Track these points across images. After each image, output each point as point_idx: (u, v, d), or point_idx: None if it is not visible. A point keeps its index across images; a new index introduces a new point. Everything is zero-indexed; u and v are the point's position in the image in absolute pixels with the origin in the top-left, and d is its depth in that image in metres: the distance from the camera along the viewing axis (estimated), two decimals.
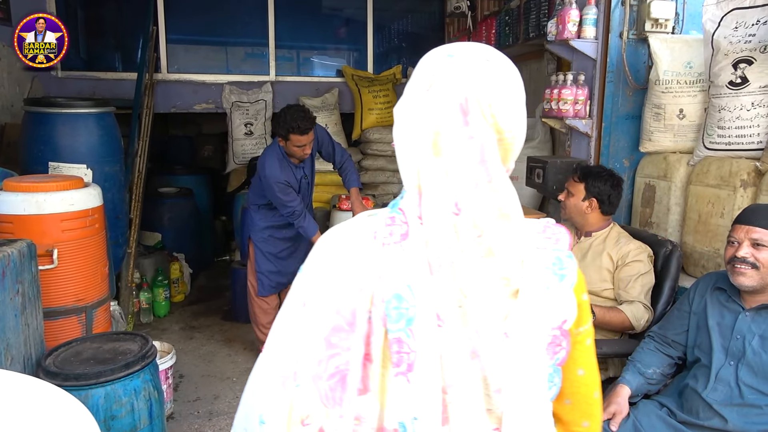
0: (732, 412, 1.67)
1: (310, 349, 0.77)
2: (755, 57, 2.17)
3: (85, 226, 2.49)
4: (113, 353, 2.09)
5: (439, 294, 0.73)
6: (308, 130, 2.93)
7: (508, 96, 0.76)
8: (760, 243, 1.65)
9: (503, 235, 0.75)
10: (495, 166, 0.74)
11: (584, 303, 0.85)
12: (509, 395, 0.76)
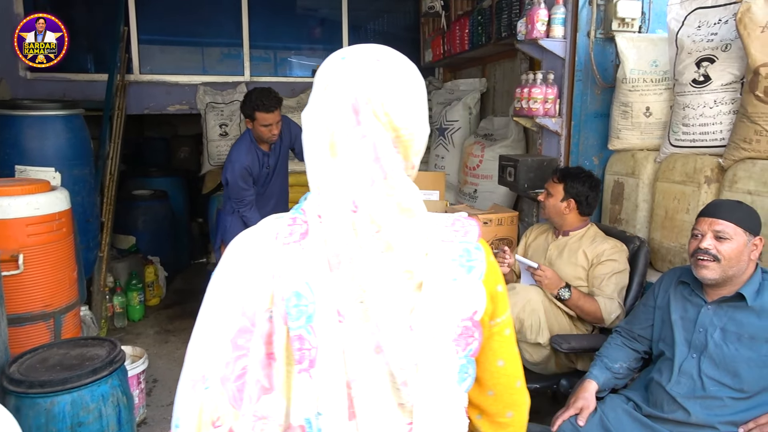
0: (695, 404, 1.70)
1: (217, 351, 0.78)
2: (717, 55, 2.21)
3: (51, 231, 2.45)
4: (80, 359, 2.06)
5: (339, 290, 0.75)
6: (273, 108, 2.94)
7: (400, 94, 0.77)
8: (722, 236, 1.67)
9: (403, 230, 0.76)
10: (390, 163, 0.76)
11: (499, 294, 0.87)
12: (417, 388, 0.76)
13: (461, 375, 0.81)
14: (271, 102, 2.93)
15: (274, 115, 2.95)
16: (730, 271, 1.68)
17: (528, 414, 0.94)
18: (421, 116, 0.81)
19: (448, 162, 4.37)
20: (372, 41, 5.39)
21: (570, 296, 2.22)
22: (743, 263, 1.69)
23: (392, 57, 0.80)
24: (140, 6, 4.65)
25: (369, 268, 0.75)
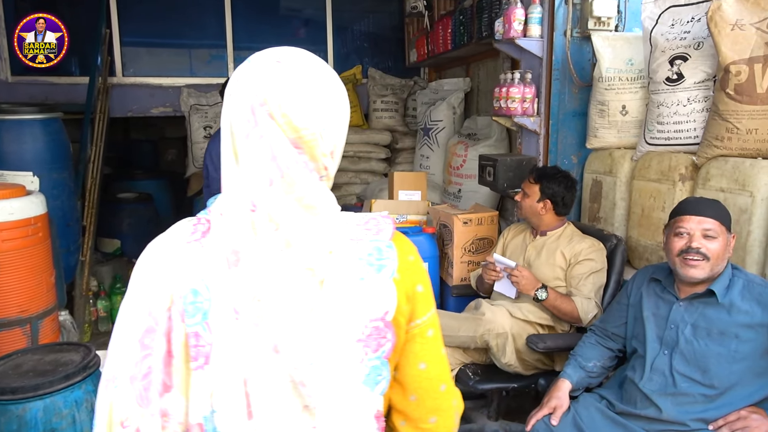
0: (666, 401, 1.70)
1: (127, 351, 0.79)
2: (690, 53, 2.22)
3: (27, 236, 2.44)
4: (54, 365, 2.04)
5: (236, 288, 0.76)
6: None
7: (299, 95, 0.77)
8: (710, 234, 1.67)
9: (303, 227, 0.76)
10: (286, 162, 0.76)
11: (419, 294, 0.85)
12: (316, 389, 0.75)
13: (374, 378, 0.79)
14: None
15: None
16: (715, 269, 1.69)
17: (456, 419, 0.91)
18: (327, 116, 0.79)
19: (433, 162, 4.38)
20: (357, 42, 5.41)
21: (547, 297, 2.23)
22: (724, 261, 1.70)
23: (296, 58, 0.80)
24: (123, 8, 4.62)
25: (267, 265, 0.75)
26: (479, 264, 2.86)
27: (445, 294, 2.97)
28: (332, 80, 0.82)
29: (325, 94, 0.80)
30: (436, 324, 0.88)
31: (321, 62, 0.83)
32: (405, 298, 0.82)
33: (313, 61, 0.82)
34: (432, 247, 2.87)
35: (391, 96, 4.97)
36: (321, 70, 0.81)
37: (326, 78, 0.81)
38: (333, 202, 0.81)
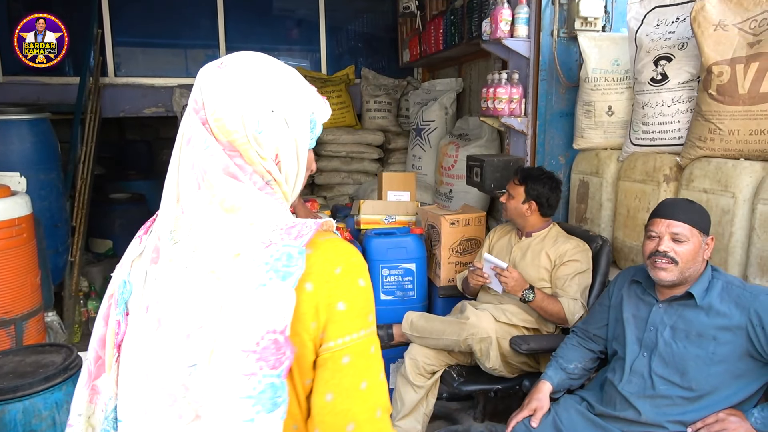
0: (645, 403, 1.69)
1: (94, 337, 0.86)
2: (674, 54, 2.21)
3: (11, 236, 2.44)
4: (35, 366, 2.04)
5: (149, 285, 0.78)
6: None
7: (231, 99, 0.77)
8: (679, 238, 1.66)
9: (212, 230, 0.75)
10: (205, 165, 0.76)
11: (338, 313, 0.75)
12: (200, 397, 0.71)
13: (271, 398, 0.70)
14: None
15: None
16: (686, 272, 1.67)
17: None
18: (264, 120, 0.78)
19: (425, 162, 4.37)
20: (350, 42, 5.41)
21: (534, 298, 2.22)
22: (699, 263, 1.69)
23: (239, 61, 0.80)
24: (115, 9, 4.62)
25: (175, 267, 0.76)
26: (467, 265, 2.85)
27: (432, 295, 2.96)
28: (277, 83, 0.80)
29: (263, 97, 0.78)
30: (360, 351, 0.77)
31: (269, 65, 0.81)
32: (313, 314, 0.74)
33: (258, 63, 0.80)
34: (420, 247, 2.87)
35: (384, 96, 4.96)
36: (264, 73, 0.80)
37: (268, 80, 0.79)
38: (266, 205, 0.77)
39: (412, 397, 2.35)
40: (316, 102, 0.85)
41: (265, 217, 0.77)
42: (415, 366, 2.36)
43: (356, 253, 0.81)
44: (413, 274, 2.86)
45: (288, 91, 0.81)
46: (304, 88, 0.84)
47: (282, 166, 0.81)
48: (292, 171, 0.83)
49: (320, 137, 4.03)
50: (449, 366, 2.38)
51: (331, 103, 4.79)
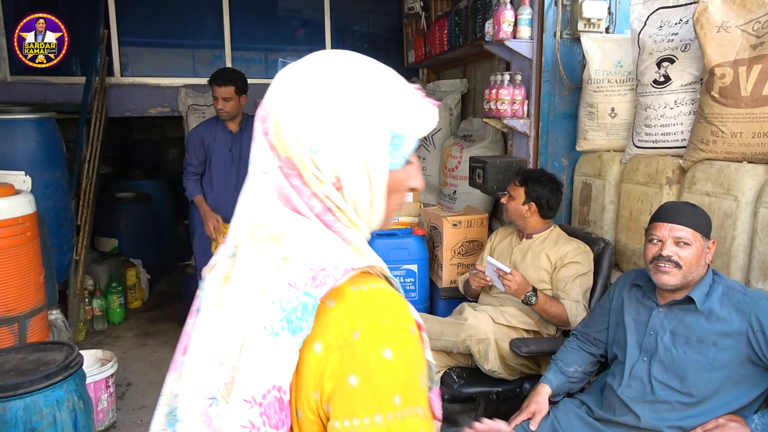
0: (644, 408, 1.68)
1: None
2: (677, 56, 2.19)
3: (14, 235, 2.45)
4: (36, 364, 2.06)
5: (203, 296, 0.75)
6: (222, 83, 3.12)
7: (289, 110, 0.67)
8: (683, 241, 1.64)
9: (251, 258, 0.68)
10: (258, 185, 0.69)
11: (348, 389, 0.61)
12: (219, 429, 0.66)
13: None
14: (221, 77, 3.14)
15: (221, 89, 3.14)
16: (689, 277, 1.66)
17: None
18: (320, 138, 0.66)
19: (430, 163, 4.36)
20: (355, 42, 5.41)
21: (537, 301, 2.20)
22: (701, 268, 1.67)
23: (309, 63, 0.69)
24: (121, 9, 4.64)
25: (211, 289, 0.72)
26: (469, 267, 2.84)
27: (434, 296, 2.96)
28: (344, 92, 0.67)
29: (323, 110, 0.66)
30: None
31: (341, 68, 0.69)
32: (317, 382, 0.62)
33: (329, 66, 0.69)
34: (422, 249, 2.86)
35: None
36: (330, 79, 0.67)
37: (333, 89, 0.67)
38: (314, 235, 0.66)
39: None
40: (403, 112, 0.69)
41: (306, 251, 0.65)
42: None
43: (392, 314, 0.64)
44: (415, 275, 2.85)
45: (357, 101, 0.67)
46: (383, 96, 0.68)
47: (346, 191, 0.68)
48: (362, 197, 0.69)
49: None
50: (449, 368, 2.38)
51: None
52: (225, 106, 3.16)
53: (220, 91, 3.14)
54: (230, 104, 3.17)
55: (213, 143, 3.26)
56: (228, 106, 3.17)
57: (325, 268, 0.63)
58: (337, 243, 0.67)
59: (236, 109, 3.22)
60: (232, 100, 3.16)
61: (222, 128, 3.28)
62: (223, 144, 3.27)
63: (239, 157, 3.30)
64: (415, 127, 0.70)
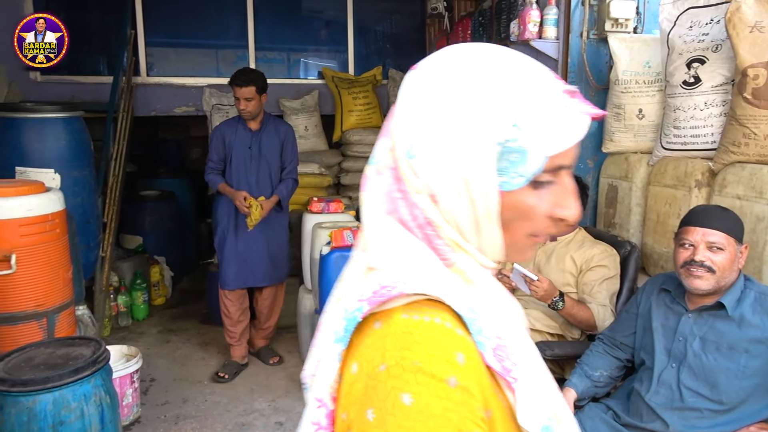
0: (673, 415, 1.66)
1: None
2: (707, 56, 2.15)
3: (44, 231, 2.50)
4: (65, 358, 2.09)
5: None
6: (242, 84, 3.15)
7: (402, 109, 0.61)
8: (716, 246, 1.62)
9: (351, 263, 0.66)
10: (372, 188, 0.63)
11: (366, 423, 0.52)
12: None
13: None
14: (241, 78, 3.16)
15: (242, 90, 3.16)
16: (722, 282, 1.63)
17: None
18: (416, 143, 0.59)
19: None
20: (378, 43, 5.42)
21: (563, 306, 2.18)
22: (734, 273, 1.64)
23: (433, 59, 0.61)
24: (148, 9, 4.71)
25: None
26: None
27: None
28: (452, 91, 0.58)
29: (422, 111, 0.59)
30: None
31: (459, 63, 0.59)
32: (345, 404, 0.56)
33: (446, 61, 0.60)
34: None
35: None
36: (440, 76, 0.59)
37: (439, 87, 0.58)
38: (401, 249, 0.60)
39: None
40: (528, 121, 0.56)
41: (386, 263, 0.60)
42: None
43: (429, 356, 0.53)
44: None
45: (460, 103, 0.57)
46: (499, 98, 0.56)
47: (442, 207, 0.59)
48: (463, 218, 0.59)
49: (347, 138, 3.99)
50: None
51: (358, 103, 4.85)
52: (247, 106, 3.19)
53: (241, 92, 3.17)
54: (252, 104, 3.20)
55: (234, 141, 3.31)
56: (250, 105, 3.20)
57: (387, 286, 0.57)
58: (425, 261, 0.59)
59: (258, 109, 3.25)
60: (253, 99, 3.19)
61: (243, 126, 3.32)
62: (242, 141, 3.31)
63: (258, 154, 3.33)
64: (545, 140, 0.56)
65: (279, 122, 3.47)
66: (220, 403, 3.03)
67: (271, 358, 3.53)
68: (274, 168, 3.39)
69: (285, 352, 3.66)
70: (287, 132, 3.41)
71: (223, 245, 3.37)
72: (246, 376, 3.34)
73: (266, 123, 3.36)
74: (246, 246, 3.33)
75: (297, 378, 3.32)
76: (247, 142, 3.31)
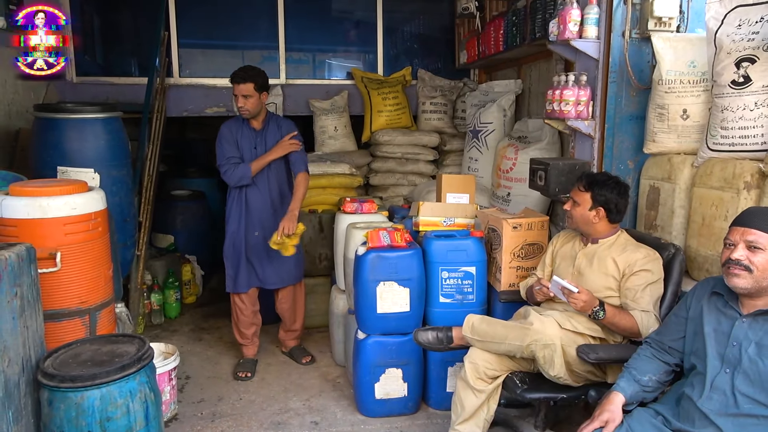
0: (727, 421, 1.62)
1: None
2: (758, 55, 2.11)
3: (88, 230, 2.53)
4: (111, 355, 2.12)
5: None
6: (239, 81, 3.12)
7: None
8: (755, 245, 1.62)
9: None
10: None
11: None
12: None
13: None
14: (239, 74, 3.14)
15: (240, 87, 3.13)
16: (764, 282, 1.62)
17: None
18: None
19: (482, 164, 4.32)
20: (406, 43, 5.41)
21: (604, 315, 2.15)
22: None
23: None
24: (180, 11, 4.77)
25: None
26: (528, 270, 2.80)
27: (492, 299, 2.93)
28: None
29: None
30: None
31: None
32: None
33: None
34: (480, 251, 2.83)
35: (440, 98, 4.94)
36: None
37: None
38: None
39: (472, 402, 2.32)
40: None
41: None
42: (476, 370, 2.33)
43: None
44: (473, 277, 2.83)
45: None
46: None
47: None
48: None
49: (377, 138, 4.02)
50: (512, 372, 2.34)
51: (387, 104, 4.85)
52: (245, 103, 3.16)
53: (239, 89, 3.14)
54: (250, 102, 3.16)
55: (240, 139, 3.29)
56: (248, 103, 3.16)
57: None
58: None
59: (257, 107, 3.21)
60: (252, 97, 3.15)
61: (246, 126, 3.30)
62: (248, 142, 3.29)
63: (261, 151, 3.30)
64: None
65: (281, 120, 3.43)
66: (255, 402, 3.05)
67: (303, 357, 3.54)
68: (281, 167, 3.37)
69: (317, 351, 3.67)
70: (289, 127, 3.36)
71: (231, 248, 3.35)
72: (279, 376, 3.36)
73: (269, 122, 3.33)
74: (256, 248, 3.32)
75: (330, 378, 3.33)
76: (251, 142, 3.30)
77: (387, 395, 2.84)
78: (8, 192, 2.49)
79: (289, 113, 5.01)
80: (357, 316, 2.88)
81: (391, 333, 2.81)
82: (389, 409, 2.87)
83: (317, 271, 4.04)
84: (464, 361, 2.37)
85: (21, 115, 3.85)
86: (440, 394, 2.92)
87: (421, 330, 2.54)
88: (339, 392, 3.16)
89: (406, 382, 2.85)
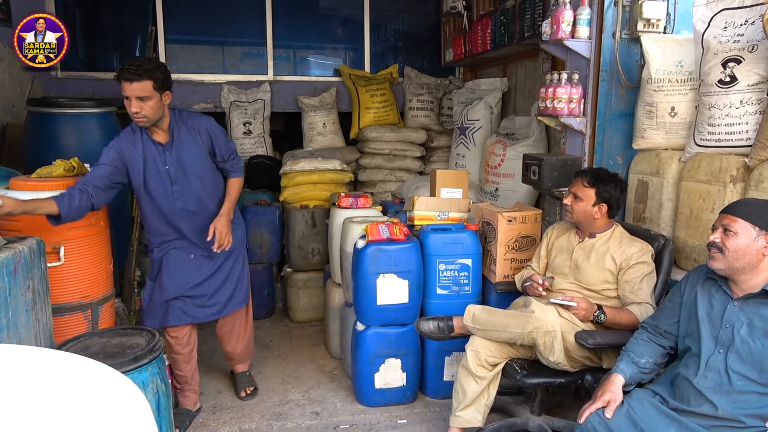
0: (722, 398, 1.73)
1: None
2: (743, 56, 2.23)
3: (90, 224, 2.55)
4: (121, 347, 2.14)
5: None
6: (135, 77, 2.31)
7: None
8: (729, 229, 1.77)
9: None
10: None
11: None
12: None
13: None
14: (132, 69, 2.31)
15: (132, 86, 2.33)
16: (736, 264, 1.76)
17: None
18: None
19: (469, 161, 4.42)
20: (393, 41, 5.48)
21: (605, 317, 2.25)
22: (750, 257, 1.73)
23: None
24: (168, 6, 4.74)
25: None
26: (522, 262, 2.90)
27: (487, 290, 3.02)
28: None
29: None
30: None
31: None
32: None
33: None
34: (476, 244, 2.92)
35: (426, 95, 5.02)
36: None
37: None
38: None
39: (473, 388, 2.41)
40: None
41: None
42: (477, 357, 2.41)
43: None
44: (469, 269, 2.91)
45: None
46: None
47: None
48: None
49: (365, 135, 4.10)
50: (511, 359, 2.43)
51: (375, 101, 4.91)
52: (142, 108, 2.36)
53: (132, 89, 2.33)
54: (149, 105, 2.37)
55: (142, 162, 2.50)
56: (146, 108, 2.36)
57: None
58: None
59: (158, 112, 2.41)
60: (150, 99, 2.36)
61: (147, 140, 2.51)
62: (154, 161, 2.52)
63: (178, 172, 2.55)
64: None
65: (190, 117, 2.61)
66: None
67: (244, 388, 3.03)
68: (208, 179, 2.64)
69: (312, 345, 3.72)
70: (207, 123, 2.62)
71: (160, 270, 2.69)
72: (276, 369, 3.40)
73: (176, 128, 2.52)
74: (196, 273, 2.69)
75: (326, 370, 3.38)
76: (160, 160, 2.52)
77: (386, 385, 2.91)
78: (8, 186, 2.49)
79: (277, 110, 5.04)
80: (356, 308, 2.94)
81: (390, 324, 2.88)
82: (388, 398, 2.94)
83: (310, 266, 4.08)
84: (466, 349, 2.45)
85: (8, 110, 3.80)
86: (437, 383, 3.00)
87: (423, 319, 2.62)
88: (336, 383, 3.21)
89: (405, 372, 2.92)
